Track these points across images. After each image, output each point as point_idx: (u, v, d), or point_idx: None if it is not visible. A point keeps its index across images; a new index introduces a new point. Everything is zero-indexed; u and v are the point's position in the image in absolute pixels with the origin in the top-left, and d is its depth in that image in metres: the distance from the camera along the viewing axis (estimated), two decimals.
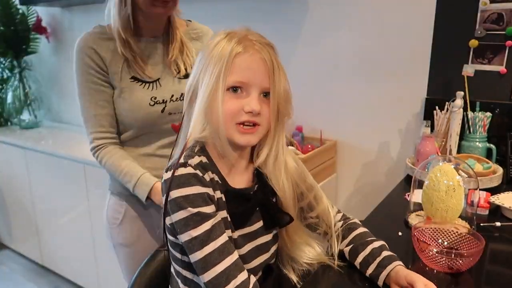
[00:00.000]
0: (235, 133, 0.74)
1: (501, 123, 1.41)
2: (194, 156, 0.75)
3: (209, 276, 0.69)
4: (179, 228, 0.71)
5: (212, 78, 0.72)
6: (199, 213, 0.70)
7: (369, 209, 1.17)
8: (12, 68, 2.76)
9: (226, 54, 0.72)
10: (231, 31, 0.76)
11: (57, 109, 2.97)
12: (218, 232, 0.71)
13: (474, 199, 1.00)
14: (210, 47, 0.75)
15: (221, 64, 0.71)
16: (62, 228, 2.29)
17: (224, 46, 0.73)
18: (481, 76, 1.44)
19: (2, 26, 2.59)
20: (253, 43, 0.74)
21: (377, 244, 0.82)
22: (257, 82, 0.73)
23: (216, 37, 0.76)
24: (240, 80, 0.73)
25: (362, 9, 1.64)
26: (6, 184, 2.62)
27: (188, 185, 0.71)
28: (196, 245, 0.70)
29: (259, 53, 0.74)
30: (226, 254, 0.70)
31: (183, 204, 0.70)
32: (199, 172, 0.72)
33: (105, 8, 1.08)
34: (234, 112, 0.73)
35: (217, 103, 0.72)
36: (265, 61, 0.74)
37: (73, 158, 2.06)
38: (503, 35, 1.39)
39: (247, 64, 0.73)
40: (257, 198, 0.82)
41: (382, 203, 1.21)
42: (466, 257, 0.80)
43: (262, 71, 0.74)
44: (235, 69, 0.72)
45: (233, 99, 0.73)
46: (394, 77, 1.62)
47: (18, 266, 2.64)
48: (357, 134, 1.76)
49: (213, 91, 0.72)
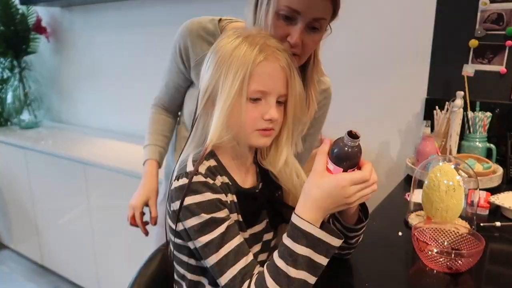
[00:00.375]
0: (254, 137, 0.76)
1: (501, 123, 1.41)
2: (203, 161, 0.75)
3: (226, 278, 0.69)
4: (192, 234, 0.72)
5: (233, 87, 0.72)
6: (212, 218, 0.70)
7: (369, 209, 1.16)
8: (12, 68, 2.76)
9: (248, 63, 0.71)
10: (248, 35, 0.75)
11: (57, 109, 2.97)
12: (233, 233, 0.72)
13: (474, 199, 1.00)
14: (227, 50, 0.74)
15: (244, 73, 0.71)
16: (62, 228, 2.29)
17: (245, 53, 0.72)
18: (481, 76, 1.44)
19: (2, 26, 2.59)
20: (273, 50, 0.74)
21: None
22: (276, 90, 0.74)
23: (231, 38, 0.75)
24: (261, 89, 0.73)
25: (362, 9, 1.64)
26: (6, 184, 2.62)
27: (199, 193, 0.71)
28: (212, 248, 0.70)
29: (278, 61, 0.74)
30: (241, 255, 0.70)
31: (197, 211, 0.70)
32: (210, 180, 0.73)
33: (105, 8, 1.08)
34: (254, 120, 0.74)
35: (240, 112, 0.72)
36: (284, 68, 0.75)
37: (73, 158, 2.06)
38: (503, 35, 1.39)
39: (268, 72, 0.73)
40: (264, 195, 0.83)
41: (382, 203, 1.21)
42: (466, 257, 0.80)
43: (281, 78, 0.75)
44: (256, 77, 0.72)
45: (253, 106, 0.74)
46: (394, 77, 1.62)
47: (18, 266, 2.64)
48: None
49: (235, 101, 0.72)
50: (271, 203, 0.84)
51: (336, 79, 1.76)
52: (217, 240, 0.70)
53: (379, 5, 1.59)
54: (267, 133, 0.76)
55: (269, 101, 0.74)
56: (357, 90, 1.71)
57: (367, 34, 1.65)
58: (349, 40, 1.70)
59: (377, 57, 1.65)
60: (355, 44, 1.69)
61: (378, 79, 1.66)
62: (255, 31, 0.78)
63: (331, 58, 1.75)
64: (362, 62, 1.68)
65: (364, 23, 1.64)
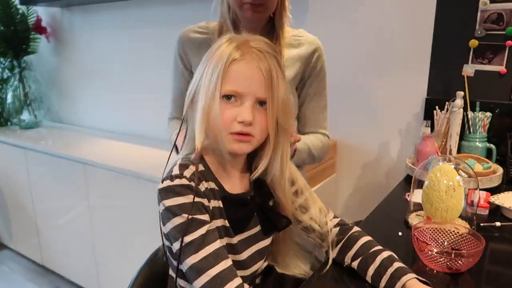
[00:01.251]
0: (229, 141, 0.73)
1: (501, 123, 1.41)
2: (189, 166, 0.74)
3: (203, 281, 0.67)
4: (173, 236, 0.71)
5: (210, 86, 0.71)
6: (193, 219, 0.70)
7: (369, 209, 1.17)
8: (12, 68, 2.76)
9: (223, 60, 0.70)
10: (234, 36, 0.75)
11: (57, 109, 2.97)
12: (213, 237, 0.71)
13: (474, 199, 1.00)
14: (212, 49, 0.74)
15: (218, 71, 0.70)
16: (62, 228, 2.29)
17: (223, 50, 0.71)
18: (481, 76, 1.44)
19: (2, 26, 2.59)
20: (252, 50, 0.72)
21: (385, 254, 0.79)
22: (251, 92, 0.71)
23: (220, 39, 0.75)
24: (234, 89, 0.71)
25: (362, 9, 1.64)
26: (6, 184, 2.62)
27: (181, 195, 0.70)
28: (191, 250, 0.68)
29: (256, 62, 0.71)
30: (220, 258, 0.69)
31: (178, 211, 0.70)
32: (193, 183, 0.72)
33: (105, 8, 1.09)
34: (227, 122, 0.71)
35: (214, 112, 0.71)
36: (262, 71, 0.71)
37: (73, 158, 2.06)
38: (503, 35, 1.39)
39: (242, 72, 0.71)
40: (255, 202, 0.82)
41: (382, 203, 1.21)
42: (466, 258, 0.80)
43: (258, 80, 0.71)
44: (231, 76, 0.70)
45: (227, 107, 0.71)
46: (394, 77, 1.62)
47: (18, 266, 2.64)
48: (357, 134, 1.76)
49: (210, 100, 0.71)
50: (264, 211, 0.83)
51: (336, 79, 1.77)
52: (197, 241, 0.68)
53: (379, 5, 1.60)
54: (243, 138, 0.72)
55: (244, 103, 0.71)
56: (357, 90, 1.71)
57: (367, 34, 1.65)
58: (349, 40, 1.70)
59: (377, 57, 1.65)
60: (355, 44, 1.69)
61: (378, 79, 1.66)
62: (246, 34, 0.77)
63: (331, 58, 1.76)
64: (362, 62, 1.68)
65: (364, 23, 1.64)
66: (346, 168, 1.82)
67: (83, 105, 2.80)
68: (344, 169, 1.83)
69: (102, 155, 2.05)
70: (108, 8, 2.41)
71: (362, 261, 0.80)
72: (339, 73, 1.75)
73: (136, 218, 1.86)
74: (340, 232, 0.87)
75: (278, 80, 0.73)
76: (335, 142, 1.79)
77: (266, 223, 0.83)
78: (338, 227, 0.88)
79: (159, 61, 2.26)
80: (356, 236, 0.85)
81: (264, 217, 0.83)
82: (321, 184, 1.69)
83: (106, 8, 2.42)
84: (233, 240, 0.78)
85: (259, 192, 0.83)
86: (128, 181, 1.82)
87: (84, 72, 2.70)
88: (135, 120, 2.51)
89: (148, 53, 2.32)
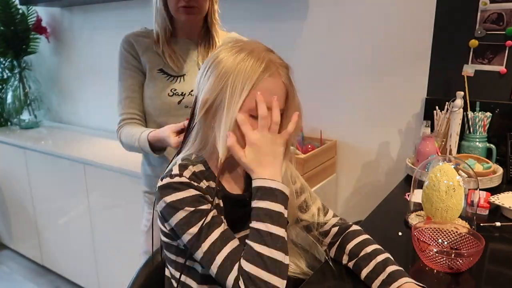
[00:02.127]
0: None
1: (501, 123, 1.41)
2: (188, 167, 0.75)
3: (216, 265, 0.69)
4: (180, 229, 0.72)
5: (238, 101, 0.73)
6: (197, 210, 0.71)
7: (369, 209, 1.17)
8: (12, 68, 2.76)
9: (254, 78, 0.72)
10: (252, 49, 0.75)
11: (57, 109, 2.97)
12: (217, 223, 0.73)
13: (474, 199, 1.00)
14: (231, 62, 0.74)
15: (249, 88, 0.72)
16: (62, 228, 2.29)
17: (251, 68, 0.73)
18: (481, 76, 1.44)
19: (2, 26, 2.59)
20: (277, 67, 0.76)
21: (380, 258, 0.79)
22: (276, 105, 0.75)
23: (234, 50, 0.75)
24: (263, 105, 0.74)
25: (362, 9, 1.64)
26: (6, 184, 2.62)
27: (181, 190, 0.72)
28: (201, 238, 0.70)
29: (281, 77, 0.76)
30: (227, 240, 0.72)
31: (180, 206, 0.71)
32: (194, 182, 0.74)
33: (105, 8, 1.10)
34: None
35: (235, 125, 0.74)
36: (285, 84, 0.77)
37: (73, 158, 2.06)
38: (503, 35, 1.39)
39: (271, 89, 0.75)
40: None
41: (382, 203, 1.21)
42: (466, 257, 0.80)
43: (282, 94, 0.77)
44: (260, 93, 0.73)
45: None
46: (394, 77, 1.62)
47: (18, 266, 2.64)
48: (357, 134, 1.76)
49: (234, 113, 0.73)
50: None
51: (336, 79, 1.77)
52: (204, 230, 0.71)
53: (379, 5, 1.59)
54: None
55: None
56: (357, 90, 1.71)
57: (367, 34, 1.64)
58: (349, 40, 1.70)
59: (377, 57, 1.65)
60: (355, 44, 1.69)
61: (378, 79, 1.66)
62: (256, 44, 0.78)
63: (331, 58, 1.76)
64: (362, 62, 1.68)
65: (364, 23, 1.64)
66: (346, 168, 1.82)
67: (83, 105, 2.80)
68: (344, 169, 1.83)
69: (102, 155, 2.05)
70: (108, 8, 2.41)
71: (357, 264, 0.81)
72: (339, 73, 1.75)
73: (136, 218, 1.86)
74: (339, 231, 0.88)
75: (293, 89, 0.79)
76: (335, 142, 1.79)
77: None
78: (337, 226, 0.88)
79: None
80: (353, 235, 0.86)
81: None
82: (321, 184, 1.69)
83: (106, 8, 2.42)
84: None
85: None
86: (128, 181, 1.82)
87: (84, 72, 2.70)
88: None
89: None
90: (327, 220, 0.89)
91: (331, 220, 0.89)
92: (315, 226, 0.88)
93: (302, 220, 0.89)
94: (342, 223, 0.89)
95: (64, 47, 2.76)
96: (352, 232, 0.86)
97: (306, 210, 0.88)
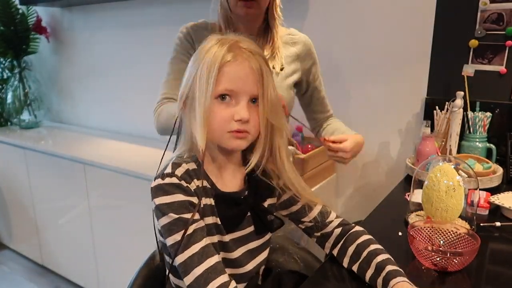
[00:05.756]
0: (226, 139, 0.75)
1: (501, 123, 1.41)
2: (182, 164, 0.75)
3: (189, 280, 0.70)
4: (164, 233, 0.73)
5: (205, 88, 0.73)
6: (181, 218, 0.71)
7: (369, 209, 1.17)
8: (12, 68, 2.76)
9: (216, 62, 0.72)
10: (222, 38, 0.76)
11: (57, 109, 2.97)
12: (199, 236, 0.72)
13: (474, 199, 1.00)
14: (202, 52, 0.75)
15: (214, 74, 0.72)
16: (62, 228, 2.29)
17: (214, 53, 0.73)
18: (481, 76, 1.44)
19: (2, 26, 2.59)
20: (242, 51, 0.74)
21: (380, 258, 0.79)
22: (246, 90, 0.74)
23: (208, 42, 0.77)
24: (229, 88, 0.73)
25: (362, 9, 1.64)
26: (6, 184, 2.62)
27: (171, 193, 0.72)
28: (179, 249, 0.71)
29: (247, 61, 0.74)
30: (205, 257, 0.71)
31: (166, 210, 0.72)
32: (184, 182, 0.73)
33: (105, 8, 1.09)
34: (224, 121, 0.74)
35: (212, 113, 0.73)
36: (254, 70, 0.74)
37: (73, 158, 2.06)
38: (503, 35, 1.39)
39: (236, 72, 0.74)
40: (247, 202, 0.82)
41: (382, 203, 1.21)
42: (460, 256, 0.80)
43: (251, 79, 0.74)
44: (224, 77, 0.73)
45: (223, 108, 0.74)
46: (394, 77, 1.62)
47: (18, 266, 2.64)
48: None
49: (208, 102, 0.73)
50: (257, 211, 0.84)
51: (336, 79, 1.77)
52: (184, 241, 0.71)
53: (379, 5, 1.59)
54: (240, 135, 0.75)
55: (240, 102, 0.74)
56: (357, 90, 1.71)
57: (367, 34, 1.65)
58: (349, 40, 1.70)
59: (377, 57, 1.65)
60: (355, 44, 1.69)
61: (378, 79, 1.66)
62: (233, 35, 0.78)
63: (331, 58, 1.76)
64: (362, 62, 1.68)
65: (364, 23, 1.64)
66: (346, 168, 1.82)
67: (83, 105, 2.80)
68: (344, 169, 1.82)
69: (102, 155, 2.05)
70: (108, 8, 2.41)
71: (360, 266, 0.81)
72: (339, 73, 1.75)
73: (136, 218, 1.86)
74: (341, 232, 0.87)
75: (268, 77, 0.76)
76: None
77: (259, 224, 0.84)
78: (340, 228, 0.88)
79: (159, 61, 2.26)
80: (355, 236, 0.85)
81: (257, 218, 0.84)
82: (321, 184, 1.69)
83: (106, 8, 2.42)
84: (225, 238, 0.79)
85: (254, 192, 0.83)
86: (128, 181, 1.82)
87: (84, 72, 2.70)
88: (135, 120, 2.51)
89: (148, 53, 2.32)
90: (330, 222, 0.88)
91: (333, 222, 0.88)
92: (317, 228, 0.88)
93: (304, 222, 0.88)
94: (345, 224, 0.89)
95: (64, 47, 2.76)
96: (354, 233, 0.86)
97: (309, 212, 0.87)
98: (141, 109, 2.45)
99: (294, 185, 0.84)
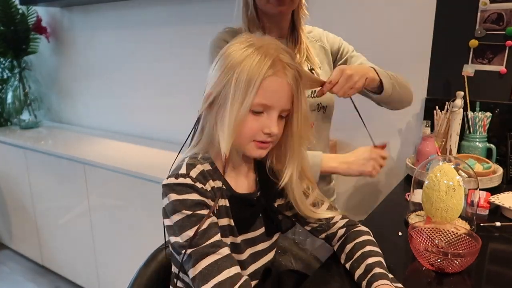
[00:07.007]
0: (250, 147, 0.76)
1: (501, 123, 1.41)
2: (196, 165, 0.75)
3: (201, 267, 0.69)
4: (176, 230, 0.72)
5: (241, 97, 0.71)
6: (194, 214, 0.71)
7: (369, 209, 1.17)
8: (12, 68, 2.76)
9: (257, 76, 0.71)
10: (262, 45, 0.74)
11: (57, 109, 2.97)
12: (214, 231, 0.72)
13: (474, 199, 1.00)
14: (238, 57, 0.73)
15: (251, 87, 0.71)
16: (62, 228, 2.29)
17: (256, 65, 0.71)
18: (481, 76, 1.44)
19: (2, 26, 2.59)
20: (283, 66, 0.74)
21: (370, 260, 0.79)
22: (279, 105, 0.74)
23: (243, 45, 0.74)
24: (265, 103, 0.73)
25: (361, 9, 1.64)
26: (6, 184, 2.62)
27: (184, 192, 0.72)
28: (192, 243, 0.70)
29: (286, 77, 0.74)
30: (218, 248, 0.71)
31: (179, 207, 0.71)
32: (199, 184, 0.73)
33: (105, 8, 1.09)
34: (253, 132, 0.74)
35: (241, 122, 0.73)
36: (290, 85, 0.75)
37: (73, 158, 2.06)
38: (503, 35, 1.39)
39: (274, 87, 0.73)
40: (260, 203, 0.82)
41: (382, 203, 1.21)
42: (461, 257, 0.80)
43: (286, 94, 0.75)
44: (262, 90, 0.72)
45: (253, 118, 0.74)
46: None
47: (18, 266, 2.64)
48: (357, 134, 1.76)
49: (241, 112, 0.72)
50: (268, 212, 0.84)
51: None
52: (199, 235, 0.70)
53: (379, 5, 1.59)
54: (264, 145, 0.76)
55: (271, 115, 0.74)
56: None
57: (367, 34, 1.64)
58: (349, 40, 1.70)
59: (377, 57, 1.64)
60: (355, 44, 1.69)
61: None
62: (269, 40, 0.77)
63: None
64: None
65: (364, 23, 1.64)
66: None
67: (83, 105, 2.80)
68: None
69: (102, 155, 2.05)
70: (108, 8, 2.41)
71: (352, 265, 0.81)
72: None
73: (136, 218, 1.86)
74: (345, 231, 0.88)
75: (301, 92, 0.77)
76: (335, 142, 1.79)
77: (270, 225, 0.84)
78: (344, 228, 0.88)
79: (159, 61, 2.26)
80: (356, 235, 0.85)
81: (268, 219, 0.84)
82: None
83: (106, 8, 2.42)
84: (237, 239, 0.79)
85: (266, 193, 0.84)
86: (128, 181, 1.82)
87: (84, 72, 2.70)
88: (135, 120, 2.51)
89: (148, 53, 2.32)
90: (335, 223, 0.88)
91: (338, 223, 0.88)
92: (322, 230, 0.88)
93: (309, 224, 0.88)
94: (350, 224, 0.89)
95: (64, 47, 2.76)
96: (356, 232, 0.86)
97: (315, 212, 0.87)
98: (141, 109, 2.45)
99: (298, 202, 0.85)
